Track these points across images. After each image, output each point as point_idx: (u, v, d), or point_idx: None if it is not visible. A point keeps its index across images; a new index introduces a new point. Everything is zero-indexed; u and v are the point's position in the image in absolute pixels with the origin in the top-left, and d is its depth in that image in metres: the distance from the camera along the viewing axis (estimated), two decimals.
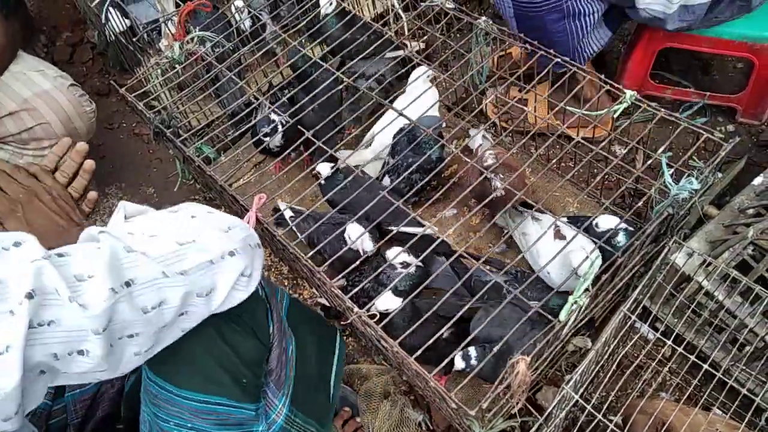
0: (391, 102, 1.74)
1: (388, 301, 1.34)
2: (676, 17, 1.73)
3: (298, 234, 1.26)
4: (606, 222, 1.32)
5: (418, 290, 1.19)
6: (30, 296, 0.69)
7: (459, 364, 1.25)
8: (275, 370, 1.07)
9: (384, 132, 1.59)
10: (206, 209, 0.95)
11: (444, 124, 1.71)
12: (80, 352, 0.74)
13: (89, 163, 1.14)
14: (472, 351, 1.25)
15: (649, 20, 1.74)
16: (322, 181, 1.69)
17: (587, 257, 1.18)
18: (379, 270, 1.40)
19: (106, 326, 0.75)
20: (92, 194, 1.14)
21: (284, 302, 1.19)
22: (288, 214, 1.76)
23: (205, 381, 0.95)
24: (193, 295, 0.85)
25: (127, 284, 0.78)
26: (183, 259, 0.85)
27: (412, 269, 1.49)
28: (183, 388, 0.95)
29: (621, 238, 1.29)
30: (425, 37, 1.71)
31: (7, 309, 0.68)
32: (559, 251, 1.24)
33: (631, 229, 1.32)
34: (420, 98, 1.54)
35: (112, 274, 0.76)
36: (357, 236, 1.50)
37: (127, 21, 2.03)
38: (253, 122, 1.71)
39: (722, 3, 1.69)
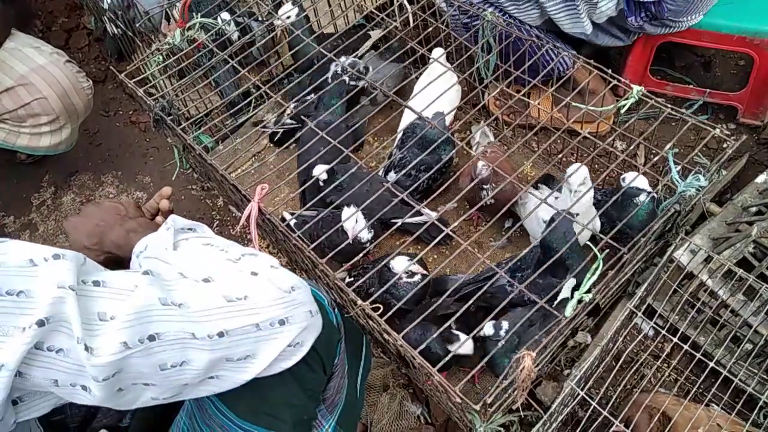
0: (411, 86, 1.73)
1: (467, 347, 1.38)
2: (601, 34, 1.80)
3: (307, 243, 1.24)
4: (632, 178, 1.36)
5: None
6: (41, 323, 0.67)
7: (488, 330, 1.30)
8: (330, 396, 1.06)
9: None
10: (269, 263, 0.86)
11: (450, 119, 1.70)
12: (84, 387, 0.72)
13: (165, 203, 1.11)
14: (504, 324, 1.31)
15: (582, 38, 1.81)
16: (321, 184, 1.67)
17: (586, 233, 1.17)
18: (378, 268, 1.40)
19: (109, 377, 0.71)
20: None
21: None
22: (292, 221, 1.75)
23: (267, 416, 0.92)
24: (223, 360, 0.78)
25: (151, 338, 0.73)
26: (226, 318, 0.77)
27: (417, 278, 1.48)
28: (243, 418, 0.92)
29: (643, 198, 1.33)
30: (429, 29, 1.69)
31: (21, 325, 0.66)
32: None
33: (654, 196, 1.34)
34: (438, 86, 1.52)
35: (134, 327, 0.72)
36: (351, 221, 1.49)
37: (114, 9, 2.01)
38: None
39: (633, 15, 1.75)
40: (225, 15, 1.85)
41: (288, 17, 1.79)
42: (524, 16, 1.74)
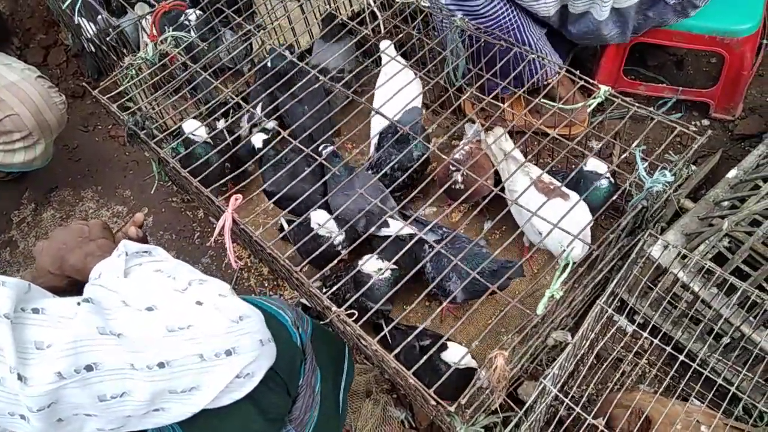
0: (370, 87, 1.73)
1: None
2: (611, 24, 1.78)
3: (292, 243, 1.25)
4: (593, 164, 1.49)
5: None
6: None
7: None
8: (298, 416, 1.04)
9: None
10: (219, 290, 0.83)
11: (422, 117, 1.71)
12: (22, 417, 0.70)
13: (132, 230, 1.07)
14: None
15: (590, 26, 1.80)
16: (255, 149, 1.66)
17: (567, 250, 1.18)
18: (353, 273, 1.40)
19: (44, 407, 0.69)
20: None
21: (309, 329, 1.14)
22: (285, 226, 1.75)
23: None
24: (166, 392, 0.76)
25: (88, 368, 0.71)
26: (166, 348, 0.75)
27: (387, 274, 1.49)
28: None
29: (604, 183, 1.46)
30: (401, 35, 1.71)
31: None
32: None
33: (612, 182, 1.48)
34: (398, 83, 1.53)
35: (70, 357, 0.70)
36: (323, 222, 1.51)
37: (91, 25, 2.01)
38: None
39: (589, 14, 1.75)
40: (192, 16, 1.81)
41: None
42: (540, 5, 1.69)
